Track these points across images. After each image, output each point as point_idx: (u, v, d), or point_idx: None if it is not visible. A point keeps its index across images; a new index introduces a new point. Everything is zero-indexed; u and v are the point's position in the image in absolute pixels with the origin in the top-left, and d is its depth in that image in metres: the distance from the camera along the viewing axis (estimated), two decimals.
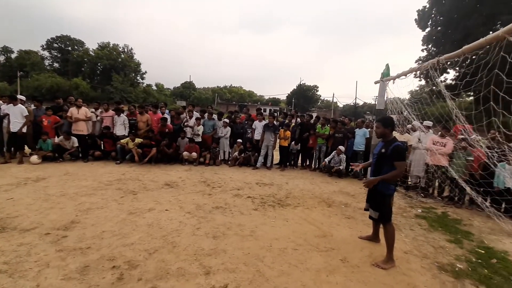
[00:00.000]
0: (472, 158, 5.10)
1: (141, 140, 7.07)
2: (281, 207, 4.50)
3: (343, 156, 7.20)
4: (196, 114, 8.15)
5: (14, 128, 6.27)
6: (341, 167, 7.12)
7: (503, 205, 4.58)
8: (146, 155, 6.96)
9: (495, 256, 3.26)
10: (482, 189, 4.63)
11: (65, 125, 7.10)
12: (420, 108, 5.86)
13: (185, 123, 7.73)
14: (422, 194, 5.89)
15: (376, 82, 6.08)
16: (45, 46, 51.56)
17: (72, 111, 6.92)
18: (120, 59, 47.44)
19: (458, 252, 3.32)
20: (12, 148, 6.59)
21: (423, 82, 21.57)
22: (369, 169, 5.92)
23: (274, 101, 66.05)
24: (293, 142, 8.01)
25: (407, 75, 5.00)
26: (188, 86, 58.27)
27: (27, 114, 6.42)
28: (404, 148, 2.95)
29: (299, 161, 8.51)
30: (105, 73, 45.77)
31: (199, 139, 7.60)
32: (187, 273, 2.47)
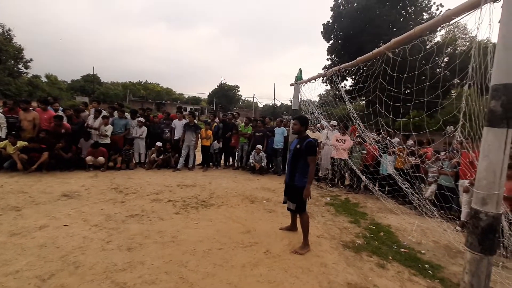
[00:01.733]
0: (365, 152, 6.18)
1: (26, 143, 5.68)
2: (205, 208, 4.39)
3: (263, 154, 7.59)
4: (103, 113, 7.10)
5: None
6: (263, 164, 7.50)
7: (386, 188, 5.72)
8: (34, 161, 5.62)
9: (382, 230, 4.03)
10: (372, 176, 5.72)
11: None
12: (327, 109, 6.76)
13: (88, 125, 6.63)
14: (330, 184, 6.78)
15: (291, 85, 6.66)
16: None
17: None
18: None
19: (357, 230, 3.96)
20: None
21: (329, 87, 25.02)
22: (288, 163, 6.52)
23: (195, 100, 64.43)
24: (215, 141, 7.95)
25: (316, 79, 5.68)
26: (91, 80, 50.07)
27: None
28: (316, 144, 3.32)
29: (222, 160, 8.53)
30: None
31: (107, 141, 6.65)
32: None
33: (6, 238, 2.93)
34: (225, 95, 56.38)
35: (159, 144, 7.24)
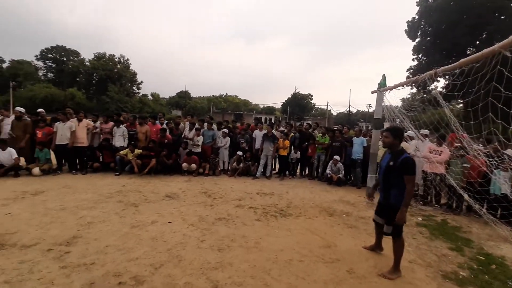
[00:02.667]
0: (468, 166, 5.20)
1: (141, 151, 7.05)
2: (283, 217, 4.50)
3: (340, 165, 7.28)
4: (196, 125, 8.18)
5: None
6: (340, 176, 7.19)
7: (499, 211, 4.65)
8: (145, 166, 6.93)
9: (494, 262, 3.31)
10: (479, 196, 4.74)
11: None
12: (417, 116, 5.99)
13: (185, 136, 7.74)
14: (421, 202, 5.95)
15: (373, 92, 6.20)
16: (39, 56, 51.35)
17: (74, 123, 6.86)
18: (116, 70, 47.46)
19: (460, 259, 3.35)
20: None
21: (414, 90, 22.07)
22: (369, 177, 6.05)
23: (269, 110, 66.61)
24: (292, 152, 8.07)
25: (404, 86, 5.13)
26: (183, 96, 58.44)
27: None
28: (414, 161, 2.85)
29: (298, 170, 8.56)
30: (101, 83, 45.62)
31: (198, 150, 7.61)
32: None
33: (128, 229, 3.69)
34: (298, 104, 56.26)
35: (239, 153, 7.81)
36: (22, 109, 7.01)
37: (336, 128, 8.37)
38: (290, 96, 58.70)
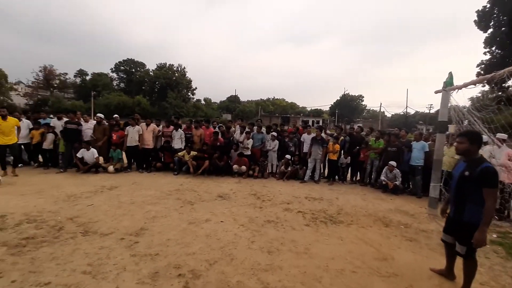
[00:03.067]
0: None
1: (196, 153, 7.60)
2: (334, 224, 4.36)
3: (397, 172, 6.73)
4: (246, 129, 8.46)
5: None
6: (397, 183, 6.65)
7: None
8: (200, 167, 7.43)
9: None
10: None
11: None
12: (491, 118, 5.17)
13: (235, 139, 8.06)
14: (496, 217, 5.13)
15: (437, 92, 5.58)
16: (113, 69, 59.26)
17: (142, 127, 7.78)
18: (174, 77, 52.08)
19: None
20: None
21: (486, 88, 19.14)
22: (432, 186, 5.45)
23: (317, 112, 64.92)
24: (342, 156, 7.76)
25: (476, 84, 4.49)
26: (233, 100, 60.93)
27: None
28: (496, 171, 2.42)
29: (348, 175, 8.18)
30: (162, 90, 50.61)
31: (248, 152, 7.85)
32: None
33: (186, 225, 4.02)
34: (348, 106, 53.52)
35: (287, 156, 7.82)
36: (101, 115, 8.21)
37: (391, 132, 7.77)
38: (338, 98, 56.32)
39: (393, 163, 6.71)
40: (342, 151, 7.91)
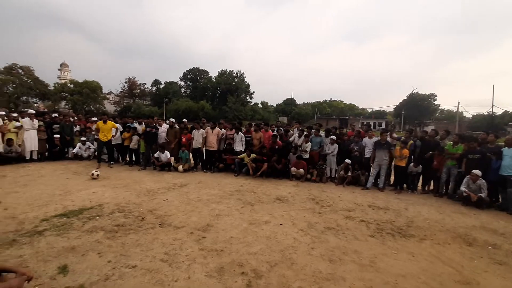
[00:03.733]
0: None
1: (255, 155, 7.86)
2: (403, 238, 3.99)
3: (482, 182, 5.76)
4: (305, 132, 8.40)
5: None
6: (482, 195, 5.69)
7: None
8: (258, 169, 7.66)
9: None
10: None
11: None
12: None
13: (294, 142, 8.06)
14: None
15: None
16: (181, 78, 65.70)
17: (208, 130, 8.44)
18: (234, 83, 54.95)
19: None
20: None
21: None
22: None
23: (379, 114, 59.81)
24: (411, 164, 7.00)
25: None
26: (289, 103, 60.82)
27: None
28: None
29: (419, 184, 7.34)
30: (222, 95, 54.05)
31: (307, 156, 7.75)
32: None
33: (247, 225, 4.20)
34: (417, 106, 47.49)
35: (347, 161, 7.44)
36: (173, 120, 9.19)
37: (475, 136, 6.67)
38: (405, 98, 50.62)
39: (477, 172, 5.78)
40: (412, 157, 7.15)
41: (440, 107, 52.83)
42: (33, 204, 4.78)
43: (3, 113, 8.96)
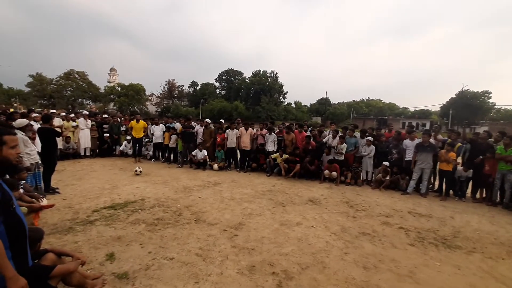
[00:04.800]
0: None
1: (288, 156, 7.83)
2: (448, 249, 3.68)
3: None
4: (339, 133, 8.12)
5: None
6: None
7: None
8: (291, 170, 7.62)
9: None
10: None
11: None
12: None
13: (328, 143, 7.86)
14: None
15: None
16: (217, 79, 67.85)
17: (241, 130, 8.63)
18: (267, 83, 55.24)
19: None
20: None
21: None
22: None
23: (422, 114, 55.32)
24: (460, 167, 6.40)
25: None
26: (323, 102, 59.25)
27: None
28: None
29: (469, 190, 6.67)
30: (256, 95, 54.67)
31: (341, 158, 7.50)
32: None
33: (278, 226, 4.21)
34: (467, 105, 42.76)
35: (385, 163, 7.05)
36: (209, 120, 9.57)
37: None
38: (454, 96, 46.00)
39: None
40: (461, 161, 6.54)
41: (495, 106, 47.15)
42: (86, 196, 5.33)
43: (64, 114, 10.14)
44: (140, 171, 7.41)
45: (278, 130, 9.00)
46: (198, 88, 66.92)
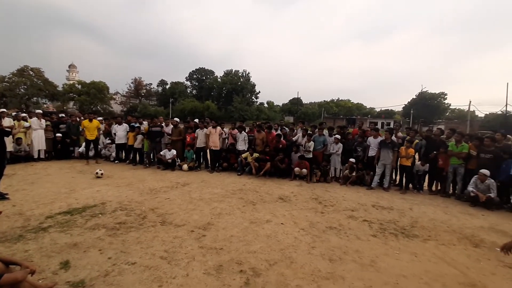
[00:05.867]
0: None
1: (258, 154, 7.84)
2: (406, 238, 3.92)
3: (491, 182, 5.61)
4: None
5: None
6: (492, 195, 5.54)
7: None
8: (261, 168, 7.64)
9: None
10: None
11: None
12: None
13: (297, 142, 8.01)
14: None
15: None
16: (187, 78, 66.16)
17: (210, 130, 8.44)
18: (239, 83, 55.13)
19: None
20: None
21: None
22: None
23: (387, 114, 59.13)
24: (418, 162, 6.89)
25: None
26: (295, 102, 60.59)
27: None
28: None
29: (425, 183, 7.20)
30: (228, 95, 54.33)
31: (310, 155, 7.69)
32: None
33: (248, 224, 4.18)
34: (426, 106, 46.74)
35: (352, 160, 7.36)
36: (177, 119, 9.26)
37: (485, 135, 6.52)
38: (414, 97, 49.92)
39: (485, 171, 5.64)
40: (418, 156, 7.03)
41: (450, 106, 51.89)
42: (39, 201, 4.86)
43: (15, 113, 9.18)
44: (102, 174, 6.95)
45: (248, 129, 8.98)
46: (167, 87, 64.74)
